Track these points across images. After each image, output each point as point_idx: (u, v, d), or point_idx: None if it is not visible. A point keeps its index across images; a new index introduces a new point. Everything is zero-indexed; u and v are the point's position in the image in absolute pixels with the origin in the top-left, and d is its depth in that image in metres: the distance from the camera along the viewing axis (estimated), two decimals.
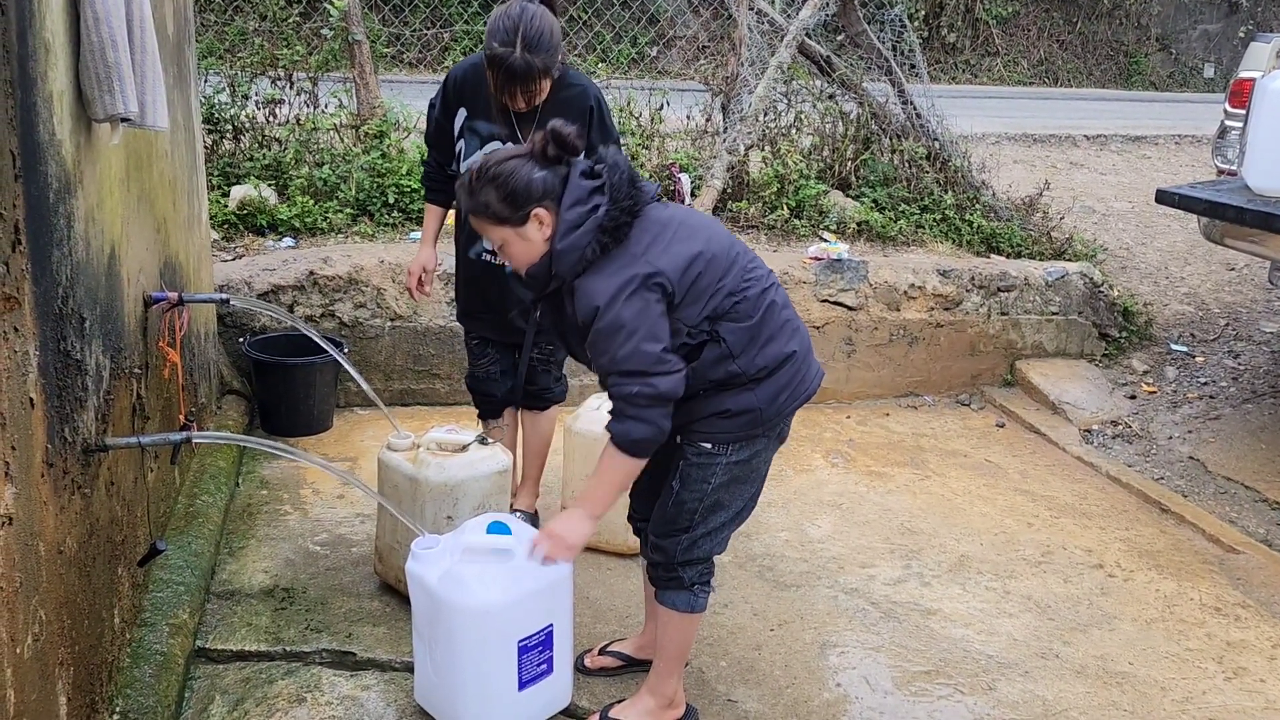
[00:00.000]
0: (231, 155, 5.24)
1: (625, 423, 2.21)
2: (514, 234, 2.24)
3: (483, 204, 2.24)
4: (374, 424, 4.28)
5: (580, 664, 2.74)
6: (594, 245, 2.20)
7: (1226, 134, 5.03)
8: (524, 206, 2.21)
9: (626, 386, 2.18)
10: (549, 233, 2.24)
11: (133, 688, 2.36)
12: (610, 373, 2.19)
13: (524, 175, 2.21)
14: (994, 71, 14.75)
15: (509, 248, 2.27)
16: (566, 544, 2.32)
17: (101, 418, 2.25)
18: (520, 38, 2.78)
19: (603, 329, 2.17)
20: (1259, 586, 3.49)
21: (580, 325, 2.22)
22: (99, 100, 2.09)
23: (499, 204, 2.22)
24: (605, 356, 2.19)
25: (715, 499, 2.40)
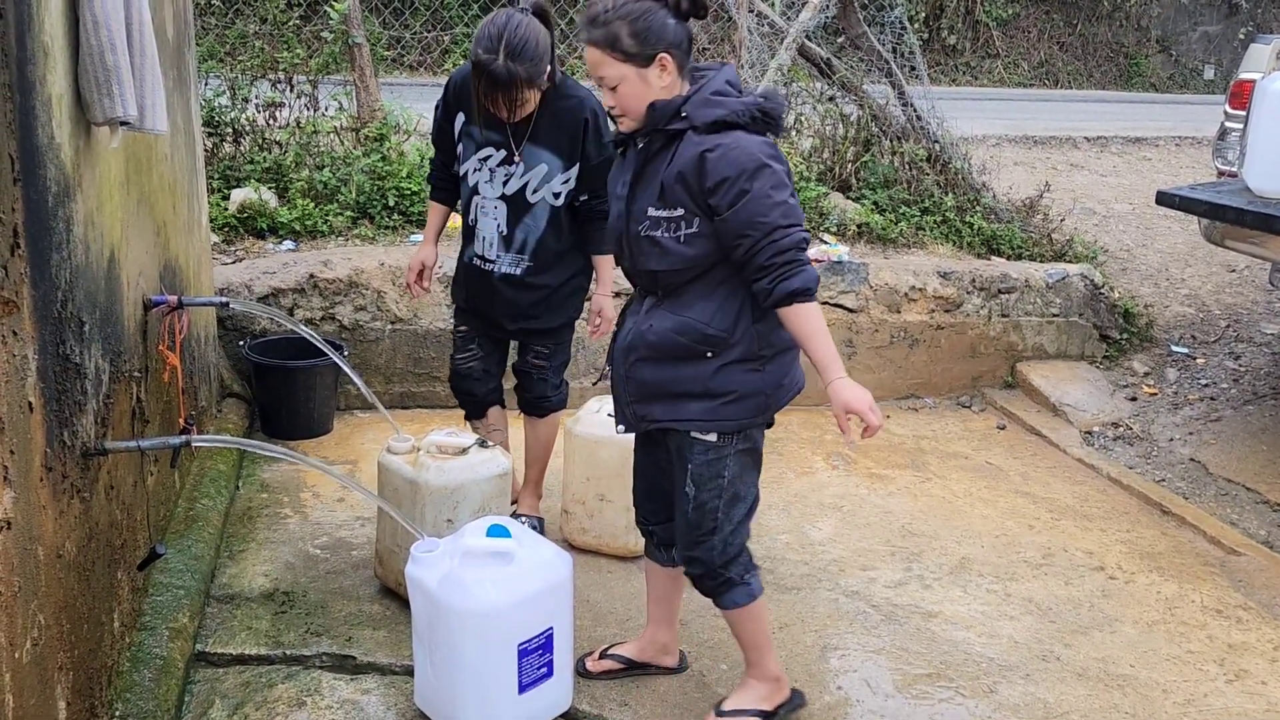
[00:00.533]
0: (232, 158, 5.24)
1: (805, 268, 2.20)
2: (635, 74, 2.22)
3: (611, 36, 2.20)
4: (374, 427, 4.27)
5: (581, 667, 2.74)
6: (749, 113, 2.20)
7: (1227, 136, 5.03)
8: (655, 47, 2.20)
9: (797, 233, 2.19)
10: (668, 82, 2.23)
11: (132, 692, 2.35)
12: (777, 225, 2.17)
13: (660, 17, 2.20)
14: (994, 73, 14.75)
15: (624, 88, 2.23)
16: (869, 405, 2.22)
17: (101, 421, 2.24)
18: (504, 45, 2.78)
19: (769, 182, 2.16)
20: (1260, 588, 3.48)
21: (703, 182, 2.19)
22: (98, 104, 2.09)
23: (628, 39, 2.19)
24: (774, 210, 2.16)
25: (733, 491, 2.40)
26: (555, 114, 3.02)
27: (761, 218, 2.17)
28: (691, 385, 2.34)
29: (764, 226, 2.17)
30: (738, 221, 2.19)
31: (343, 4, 5.50)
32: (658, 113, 2.24)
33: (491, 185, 3.08)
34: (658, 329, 2.35)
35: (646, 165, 2.30)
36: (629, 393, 2.44)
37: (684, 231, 2.26)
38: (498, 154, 3.05)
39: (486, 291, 3.19)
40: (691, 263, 2.28)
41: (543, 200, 3.08)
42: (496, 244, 3.12)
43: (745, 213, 2.18)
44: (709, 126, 2.21)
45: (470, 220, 3.15)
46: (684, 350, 2.32)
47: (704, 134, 2.21)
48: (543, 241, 3.12)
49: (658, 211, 2.27)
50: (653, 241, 2.30)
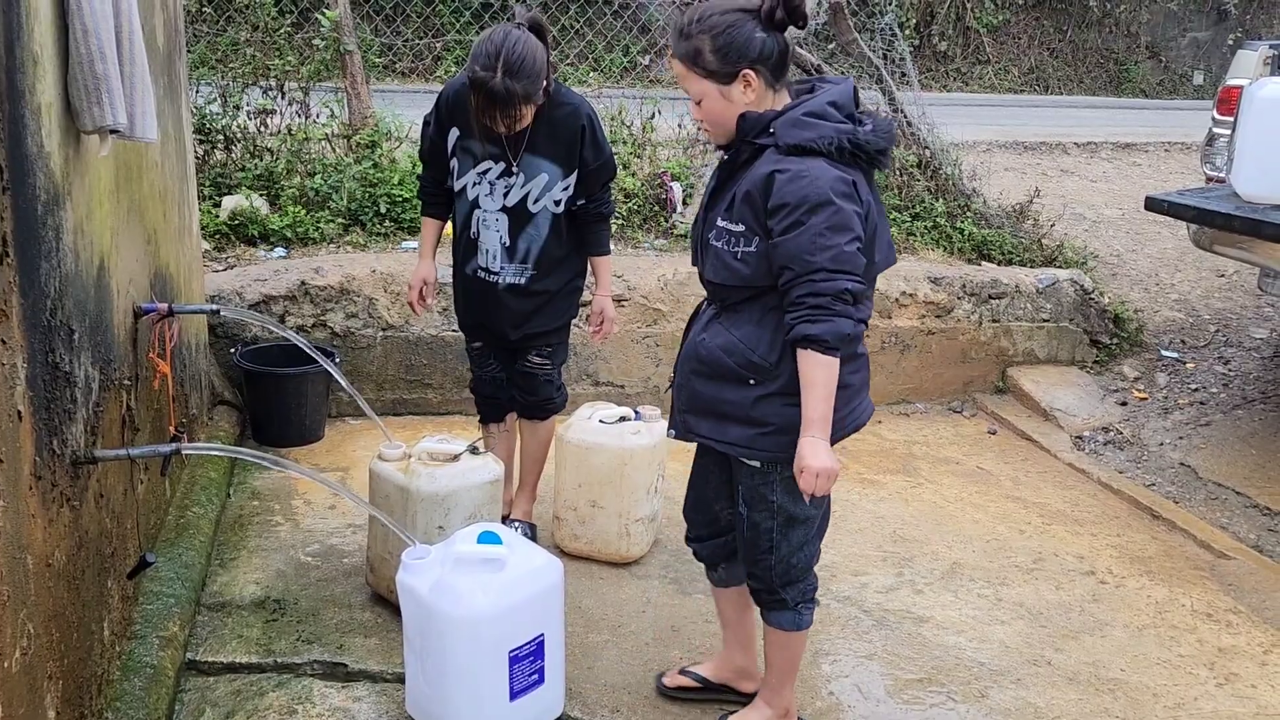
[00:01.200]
0: (223, 165, 5.24)
1: (835, 320, 2.10)
2: (716, 90, 2.17)
3: (693, 50, 2.15)
4: (366, 434, 4.27)
5: (660, 683, 2.74)
6: (836, 141, 2.12)
7: (1215, 141, 5.05)
8: (737, 64, 2.13)
9: (840, 281, 2.09)
10: (752, 98, 2.17)
11: (122, 701, 2.35)
12: (821, 268, 2.08)
13: (746, 30, 2.13)
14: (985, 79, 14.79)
15: (706, 104, 2.19)
16: (829, 472, 2.15)
17: (90, 430, 2.24)
18: (501, 63, 2.79)
19: (827, 222, 2.08)
20: (1250, 592, 3.50)
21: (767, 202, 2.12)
22: (87, 112, 2.09)
23: (711, 54, 2.14)
24: (823, 252, 2.07)
25: (786, 514, 2.36)
26: (551, 123, 3.03)
27: (808, 255, 2.09)
28: (734, 409, 2.30)
29: (808, 265, 2.09)
30: (785, 252, 2.12)
31: (334, 11, 5.51)
32: (747, 124, 2.19)
33: (492, 198, 3.09)
34: (710, 344, 2.32)
35: (730, 175, 2.26)
36: (681, 401, 2.43)
37: (741, 249, 2.21)
38: (496, 166, 3.06)
39: (490, 303, 3.20)
40: (745, 281, 2.23)
41: (544, 209, 3.10)
42: (500, 256, 3.13)
43: (794, 245, 2.10)
44: (791, 149, 2.14)
45: (471, 233, 3.15)
46: (729, 372, 2.29)
47: (784, 155, 2.14)
48: (545, 249, 3.14)
49: (723, 223, 2.24)
50: (715, 252, 2.27)
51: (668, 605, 3.18)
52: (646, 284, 4.75)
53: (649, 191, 5.61)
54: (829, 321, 2.10)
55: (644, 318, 4.73)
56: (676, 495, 3.87)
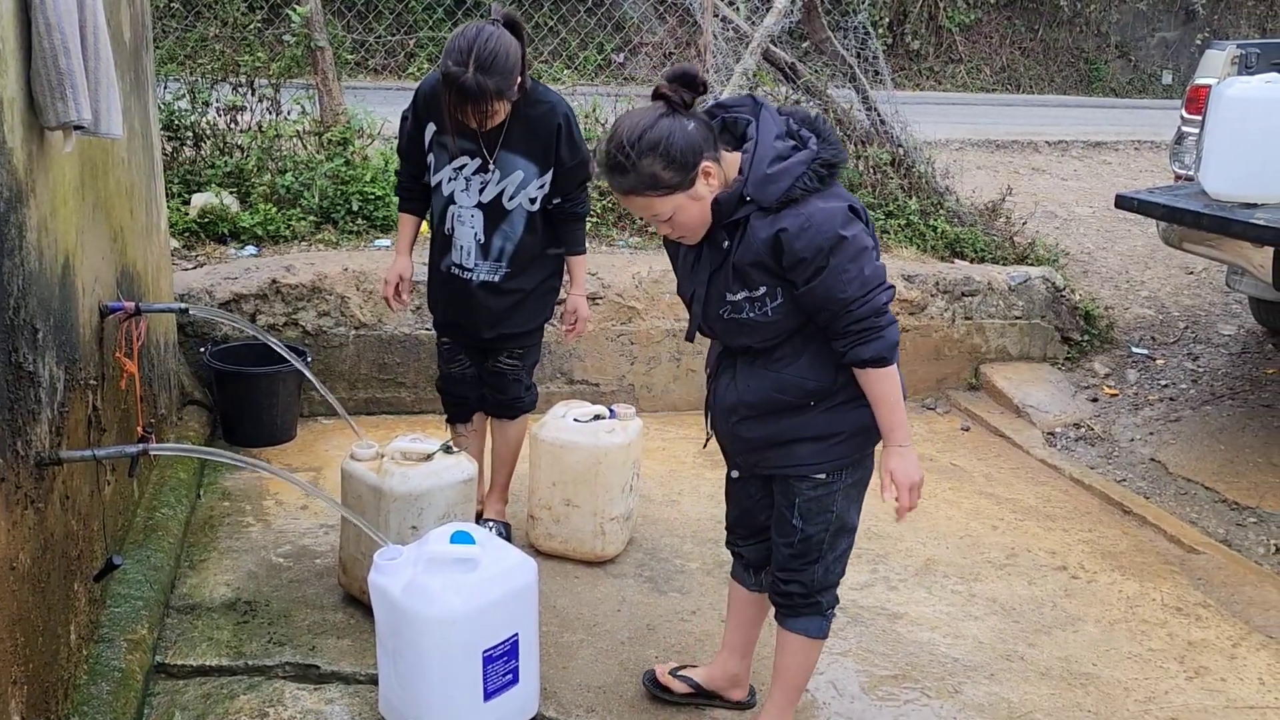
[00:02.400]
0: (192, 162, 5.18)
1: (881, 338, 2.16)
2: (685, 198, 2.13)
3: (648, 178, 2.09)
4: (338, 434, 4.24)
5: (650, 679, 2.73)
6: (809, 175, 2.11)
7: (1184, 140, 5.10)
8: (691, 162, 2.09)
9: (880, 297, 2.15)
10: (717, 184, 2.14)
11: (89, 705, 2.31)
12: (854, 299, 2.12)
13: (682, 133, 2.08)
14: (957, 78, 14.89)
15: (679, 216, 2.15)
16: (917, 481, 2.27)
17: (55, 430, 2.21)
18: (474, 58, 2.78)
19: (847, 256, 2.10)
20: (1219, 586, 3.53)
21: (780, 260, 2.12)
22: (51, 108, 2.05)
23: (667, 172, 2.09)
24: (851, 284, 2.11)
25: (840, 524, 2.40)
26: (527, 121, 3.02)
27: (840, 293, 2.13)
28: (801, 431, 2.31)
29: (842, 301, 2.13)
30: (816, 297, 2.15)
31: (305, 7, 5.45)
32: (723, 207, 2.16)
33: (468, 194, 3.07)
34: (756, 389, 2.31)
35: (725, 254, 2.21)
36: (737, 448, 2.44)
37: (770, 306, 2.21)
38: (472, 162, 3.04)
39: (464, 300, 3.18)
40: (785, 331, 2.24)
41: (519, 206, 3.08)
42: (474, 252, 3.12)
43: (823, 289, 2.13)
44: (778, 206, 2.12)
45: (446, 229, 3.14)
46: (786, 405, 2.30)
47: (774, 212, 2.12)
48: (520, 247, 3.12)
49: (737, 295, 2.21)
50: (740, 324, 2.25)
51: (643, 604, 3.18)
52: (621, 281, 4.74)
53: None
54: (879, 339, 2.16)
55: (618, 315, 4.72)
56: (652, 494, 3.88)
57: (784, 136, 2.17)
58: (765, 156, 2.13)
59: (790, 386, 2.28)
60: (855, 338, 2.16)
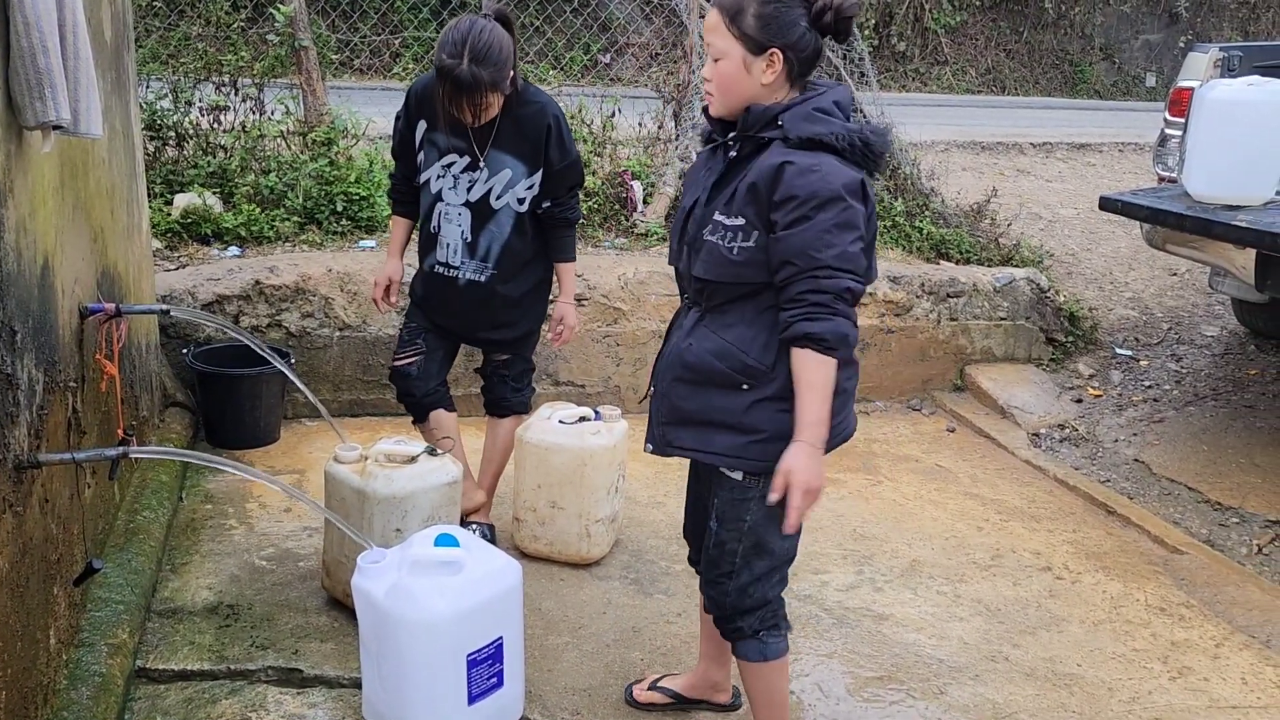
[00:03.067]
0: (174, 162, 5.14)
1: (835, 320, 1.99)
2: (741, 56, 2.05)
3: (737, 6, 2.03)
4: (322, 436, 4.21)
5: (630, 696, 2.69)
6: (849, 139, 2.03)
7: (1167, 142, 5.12)
8: (773, 39, 2.03)
9: (842, 279, 1.99)
10: (770, 81, 2.06)
11: (69, 710, 2.29)
12: (825, 265, 1.98)
13: (795, 14, 2.03)
14: (943, 80, 14.94)
15: (724, 65, 2.07)
16: (816, 487, 2.03)
17: (34, 433, 2.18)
18: (468, 50, 2.80)
19: (835, 219, 1.98)
20: (1202, 586, 3.55)
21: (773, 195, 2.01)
22: (30, 107, 2.03)
23: (754, 18, 2.03)
24: (829, 249, 1.98)
25: (755, 539, 2.24)
26: (518, 120, 3.02)
27: (814, 251, 1.99)
28: (723, 416, 2.18)
29: (813, 261, 1.99)
30: (788, 246, 2.01)
31: (289, 6, 5.43)
32: (752, 117, 2.08)
33: (455, 192, 3.07)
34: (697, 350, 2.20)
35: (730, 170, 2.15)
36: (662, 412, 2.30)
37: (739, 244, 2.09)
38: (461, 160, 3.04)
39: (449, 300, 3.17)
40: (738, 278, 2.12)
41: (507, 206, 3.08)
42: (460, 251, 3.11)
43: (799, 240, 2.00)
44: (802, 142, 2.03)
45: (433, 228, 3.13)
46: (720, 377, 2.17)
47: (794, 148, 2.04)
48: (507, 248, 3.11)
49: (720, 216, 2.11)
50: (709, 248, 2.13)
51: (629, 606, 3.17)
52: (607, 283, 4.73)
53: (609, 190, 5.59)
54: (829, 320, 2.00)
55: (604, 317, 4.71)
56: (638, 495, 3.87)
57: (842, 107, 2.10)
58: (816, 103, 2.07)
59: (729, 355, 2.16)
60: (808, 309, 2.00)
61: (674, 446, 2.29)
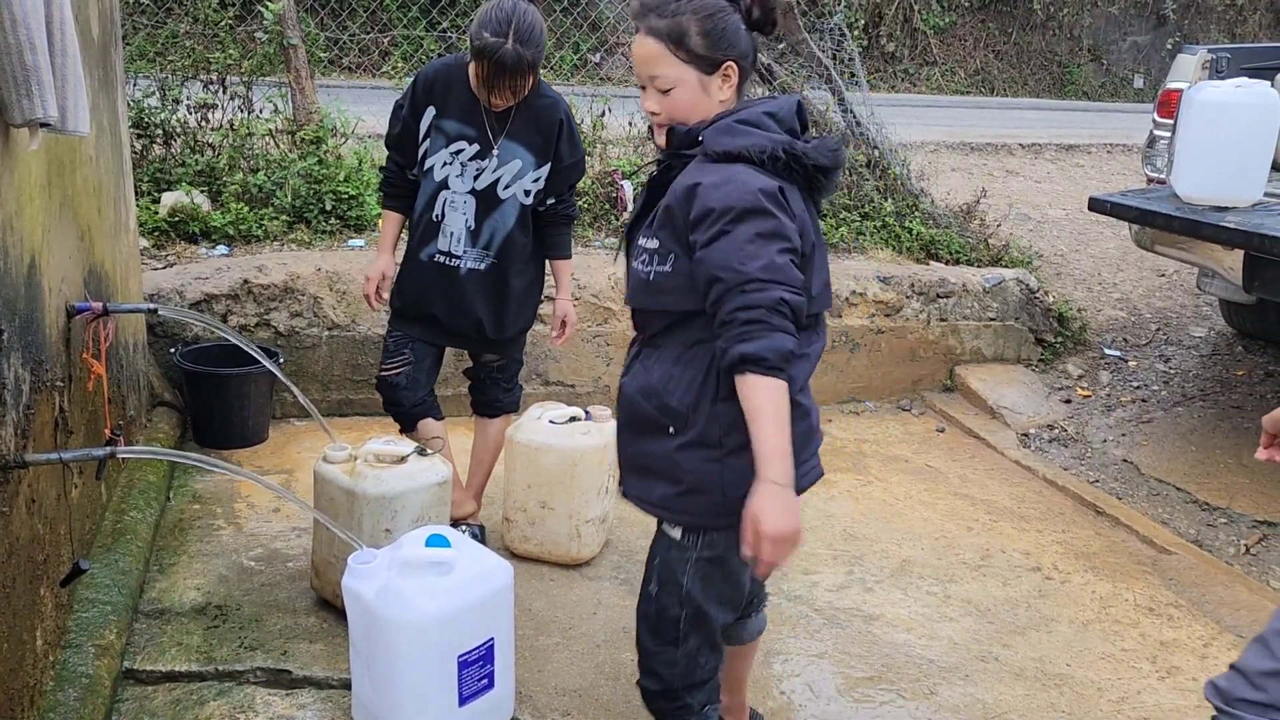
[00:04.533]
0: (162, 161, 5.11)
1: (773, 335, 1.76)
2: (697, 79, 1.92)
3: (678, 30, 1.89)
4: (311, 435, 4.19)
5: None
6: (770, 150, 1.86)
7: (1155, 143, 5.14)
8: (724, 52, 1.91)
9: (775, 291, 1.77)
10: (727, 96, 1.94)
11: (56, 712, 2.27)
12: (752, 278, 1.77)
13: (734, 20, 1.91)
14: (932, 80, 14.98)
15: (680, 93, 1.92)
16: (790, 535, 1.76)
17: (21, 433, 2.17)
18: (513, 30, 2.78)
19: (757, 229, 1.80)
20: (1190, 586, 3.56)
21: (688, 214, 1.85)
22: (16, 105, 2.01)
23: (698, 37, 1.89)
24: (753, 261, 1.78)
25: (695, 605, 2.03)
26: (532, 111, 3.02)
27: (738, 265, 1.79)
28: (657, 462, 1.99)
29: (738, 275, 1.78)
30: (711, 263, 1.82)
31: (277, 4, 5.40)
32: (677, 137, 1.95)
33: (462, 179, 3.04)
34: (629, 389, 2.04)
35: (654, 192, 2.01)
36: (620, 453, 2.15)
37: (655, 268, 1.93)
38: (470, 147, 3.02)
39: (447, 290, 3.11)
40: (661, 306, 1.95)
41: (513, 197, 3.06)
42: (464, 239, 3.07)
43: (719, 254, 1.81)
44: (719, 156, 1.88)
45: (435, 215, 3.08)
46: (646, 419, 2.00)
47: (710, 163, 1.89)
48: (509, 239, 3.09)
49: (641, 240, 1.98)
50: (633, 274, 2.01)
51: (619, 607, 3.16)
52: (597, 282, 4.73)
53: (600, 190, 5.58)
54: (767, 337, 1.76)
55: (594, 316, 4.71)
56: None
57: (780, 120, 1.94)
58: (742, 115, 1.92)
59: (653, 394, 1.98)
60: (742, 329, 1.77)
61: (625, 492, 2.12)
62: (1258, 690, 1.81)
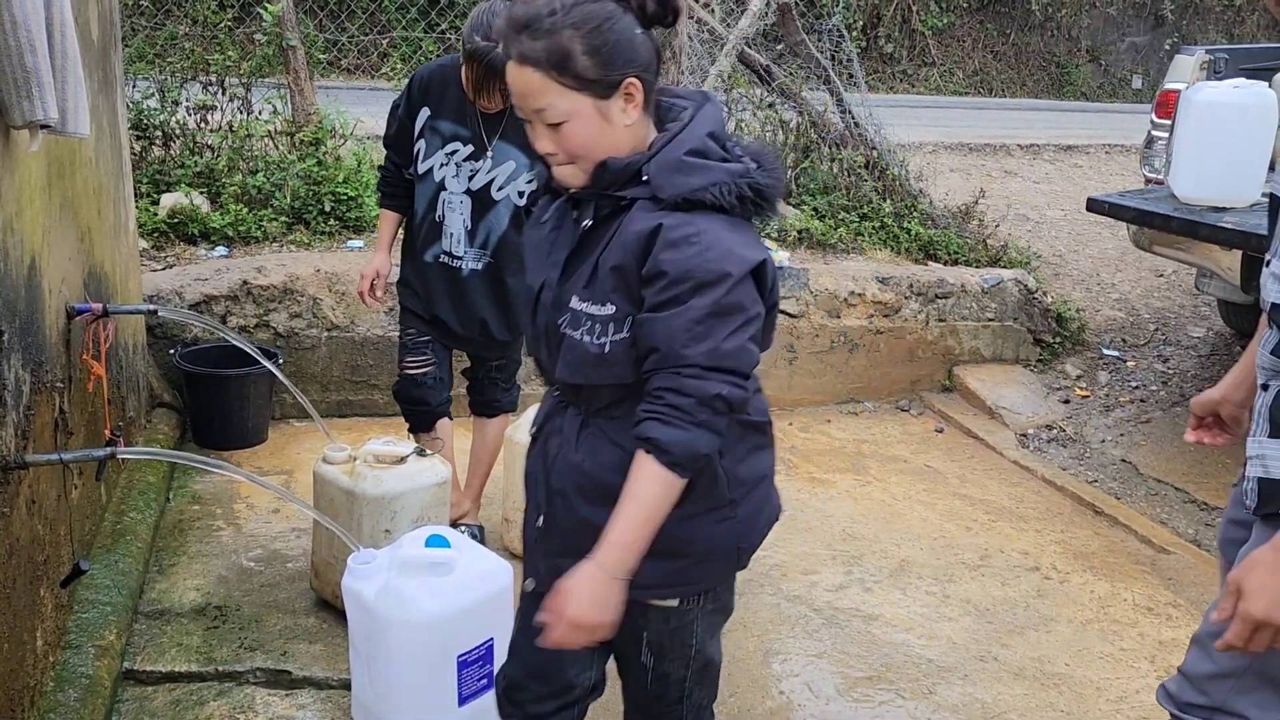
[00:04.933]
0: (162, 162, 5.12)
1: (692, 431, 1.53)
2: (593, 107, 1.56)
3: (557, 52, 1.53)
4: (310, 436, 4.20)
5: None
6: (735, 189, 1.57)
7: (1153, 144, 5.15)
8: (620, 69, 1.55)
9: (713, 385, 1.53)
10: (634, 119, 1.60)
11: (56, 713, 2.28)
12: (692, 364, 1.53)
13: (625, 25, 1.56)
14: (930, 81, 14.99)
15: (575, 126, 1.57)
16: (587, 625, 1.58)
17: (21, 434, 2.17)
18: None
19: (714, 304, 1.52)
20: (1189, 586, 3.56)
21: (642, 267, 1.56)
22: (17, 106, 2.02)
23: (585, 57, 1.53)
24: (701, 343, 1.52)
25: (704, 659, 1.85)
26: None
27: (681, 346, 1.53)
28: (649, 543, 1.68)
29: (679, 357, 1.53)
30: (652, 331, 1.55)
31: (276, 6, 5.41)
32: (610, 174, 1.60)
33: (458, 180, 3.05)
34: (594, 464, 1.68)
35: (586, 242, 1.65)
36: (551, 542, 1.76)
37: (610, 337, 1.60)
38: (465, 148, 3.02)
39: (450, 291, 3.12)
40: (617, 379, 1.63)
41: (507, 198, 3.07)
42: (463, 239, 3.08)
43: (665, 326, 1.54)
44: (678, 204, 1.57)
45: (437, 216, 3.09)
46: None
47: (669, 209, 1.57)
48: (504, 240, 3.09)
49: (582, 304, 1.62)
50: (570, 346, 1.64)
51: None
52: None
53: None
54: (685, 430, 1.54)
55: None
56: None
57: (719, 139, 1.64)
58: (687, 143, 1.60)
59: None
60: (664, 409, 1.54)
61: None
62: (1202, 694, 1.79)
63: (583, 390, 1.69)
